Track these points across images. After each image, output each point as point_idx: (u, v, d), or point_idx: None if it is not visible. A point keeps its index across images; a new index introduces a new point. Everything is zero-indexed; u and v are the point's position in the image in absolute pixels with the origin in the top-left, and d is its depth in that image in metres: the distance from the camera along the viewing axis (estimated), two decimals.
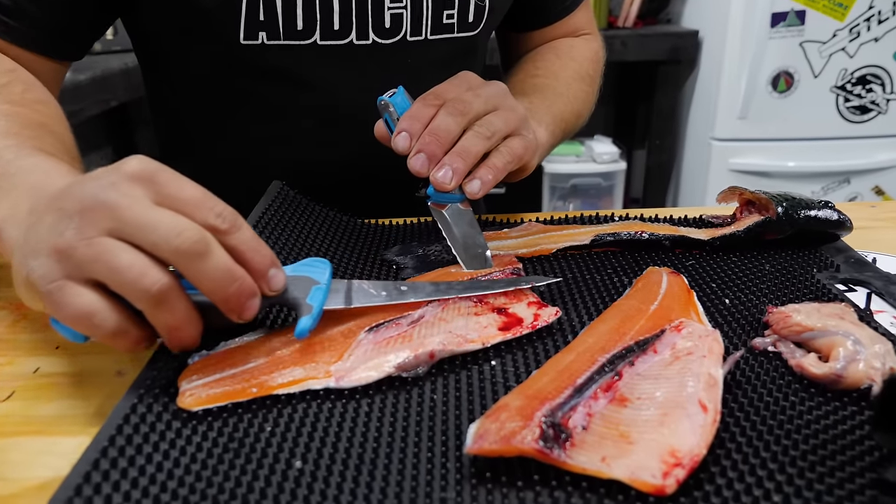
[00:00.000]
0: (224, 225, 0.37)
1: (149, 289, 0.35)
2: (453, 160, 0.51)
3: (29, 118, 0.53)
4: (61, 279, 0.35)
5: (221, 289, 0.37)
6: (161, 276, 0.35)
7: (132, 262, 0.35)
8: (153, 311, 0.36)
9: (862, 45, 1.90)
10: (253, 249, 0.39)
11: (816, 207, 0.57)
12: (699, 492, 0.32)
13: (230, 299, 0.37)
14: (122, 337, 0.37)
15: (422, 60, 0.70)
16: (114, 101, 1.57)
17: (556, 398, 0.35)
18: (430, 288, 0.46)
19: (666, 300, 0.46)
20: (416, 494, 0.32)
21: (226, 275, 0.37)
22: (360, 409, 0.38)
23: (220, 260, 0.36)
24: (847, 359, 0.39)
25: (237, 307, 0.38)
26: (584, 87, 0.78)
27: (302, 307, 0.41)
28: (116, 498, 0.32)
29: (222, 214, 0.38)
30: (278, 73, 0.67)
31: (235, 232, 0.38)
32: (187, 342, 0.39)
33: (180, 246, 0.35)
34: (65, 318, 0.36)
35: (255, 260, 0.39)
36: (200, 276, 0.36)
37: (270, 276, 0.40)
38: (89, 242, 0.35)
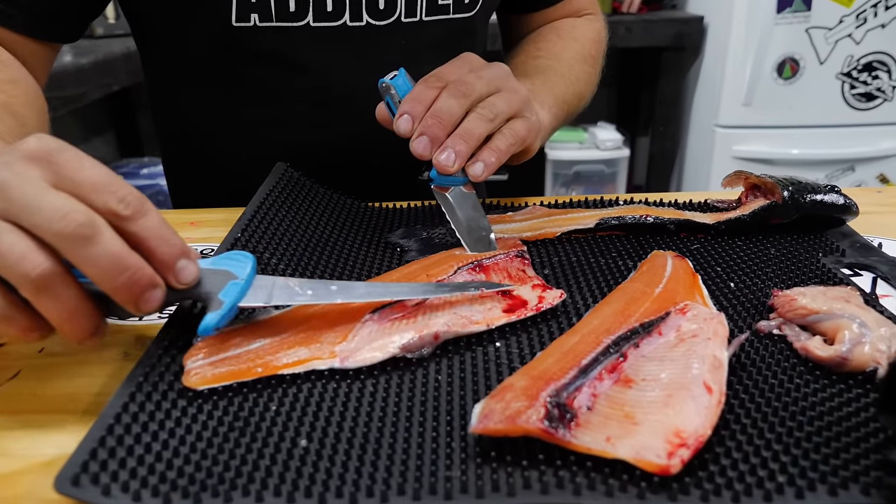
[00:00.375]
0: (126, 210, 0.35)
1: (28, 273, 0.33)
2: (456, 143, 0.51)
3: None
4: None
5: (110, 278, 0.34)
6: (42, 260, 0.33)
7: (12, 243, 0.33)
8: (36, 297, 0.34)
9: (868, 32, 1.89)
10: (158, 238, 0.36)
11: (822, 192, 0.56)
12: (704, 472, 0.32)
13: (120, 289, 0.35)
14: (5, 323, 0.35)
15: (417, 42, 0.69)
16: (116, 85, 1.57)
17: (561, 379, 0.35)
18: (363, 290, 0.43)
19: (671, 283, 0.46)
20: (422, 473, 0.32)
21: (114, 262, 0.34)
22: (364, 390, 0.38)
23: (108, 246, 0.34)
24: (852, 341, 0.39)
25: (130, 298, 0.35)
26: (587, 68, 0.77)
27: (212, 302, 0.38)
28: (123, 475, 0.32)
29: (125, 199, 0.35)
30: (271, 55, 0.66)
31: (139, 218, 0.35)
32: (80, 334, 0.36)
33: (63, 229, 0.33)
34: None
35: (160, 249, 0.36)
36: (86, 263, 0.34)
37: (179, 268, 0.37)
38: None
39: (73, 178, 0.35)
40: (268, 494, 0.31)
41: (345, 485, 0.31)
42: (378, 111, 0.55)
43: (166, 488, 0.31)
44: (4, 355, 0.44)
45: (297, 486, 0.31)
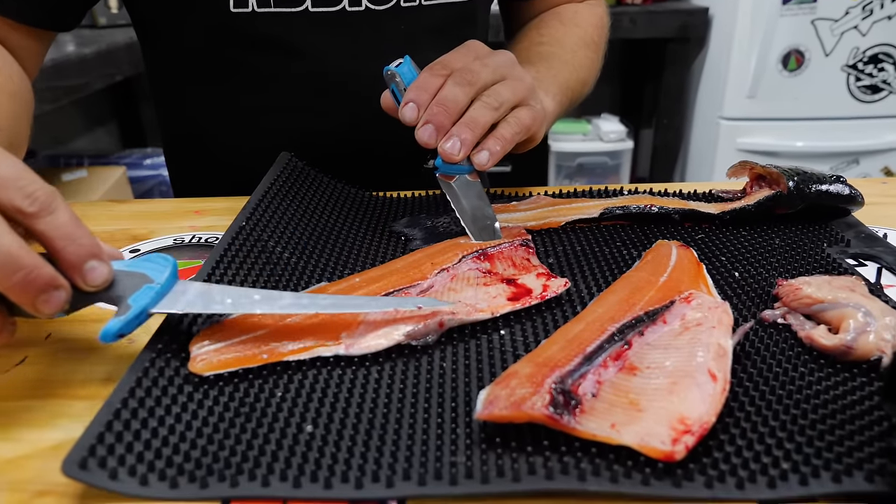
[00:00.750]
0: (31, 207, 0.34)
1: None
2: (461, 131, 0.51)
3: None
4: None
5: (3, 277, 0.33)
6: None
7: None
8: None
9: (875, 24, 1.88)
10: (66, 237, 0.34)
11: (827, 182, 0.56)
12: (708, 459, 0.32)
13: (14, 289, 0.33)
14: None
15: (416, 27, 0.69)
16: (119, 75, 1.57)
17: (565, 366, 0.35)
18: (288, 300, 0.39)
19: (675, 272, 0.46)
20: (427, 459, 0.32)
21: (6, 261, 0.33)
22: (369, 376, 0.38)
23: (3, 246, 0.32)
24: (857, 330, 0.39)
25: (27, 299, 0.34)
26: (590, 54, 0.76)
27: (120, 305, 0.36)
28: (130, 459, 0.32)
29: (33, 195, 0.34)
30: (270, 42, 0.66)
31: (46, 216, 0.34)
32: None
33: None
34: None
35: (67, 249, 0.35)
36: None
37: (87, 269, 0.35)
38: None
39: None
40: (274, 479, 0.31)
41: (350, 470, 0.32)
42: (383, 99, 0.55)
43: (173, 472, 0.32)
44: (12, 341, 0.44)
45: (303, 471, 0.31)
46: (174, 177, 0.83)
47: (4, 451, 0.35)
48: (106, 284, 0.36)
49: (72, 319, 0.46)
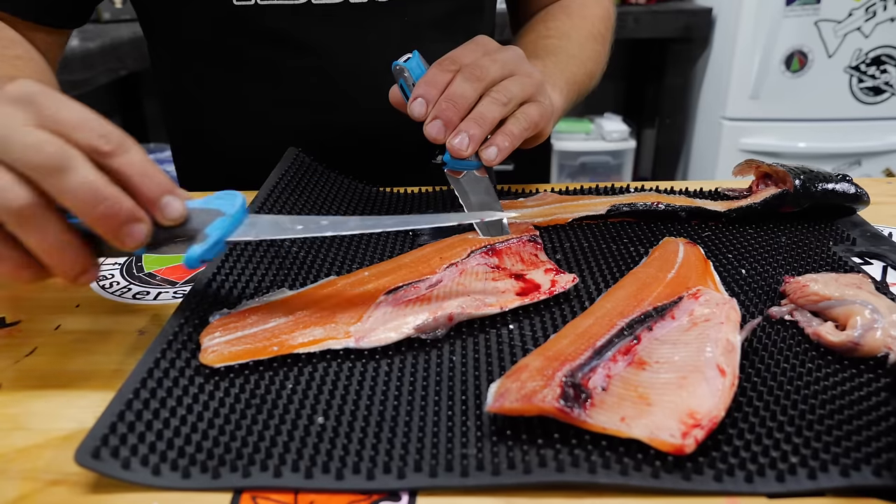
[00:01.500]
0: (107, 146, 0.35)
1: (10, 204, 0.33)
2: (470, 126, 0.51)
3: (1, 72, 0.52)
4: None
5: (88, 208, 0.34)
6: (23, 192, 0.34)
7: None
8: (20, 230, 0.35)
9: (878, 25, 1.88)
10: (142, 174, 0.36)
11: (833, 181, 0.57)
12: (717, 452, 0.32)
13: (100, 220, 0.35)
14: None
15: (420, 19, 0.69)
16: (123, 69, 1.57)
17: (575, 360, 0.35)
18: (355, 222, 0.42)
19: (683, 269, 0.46)
20: (438, 451, 0.32)
21: (90, 192, 0.34)
22: (379, 369, 0.38)
23: (83, 176, 0.34)
24: (865, 327, 0.39)
25: (111, 231, 0.35)
26: (596, 47, 0.76)
27: (196, 236, 0.37)
28: (142, 449, 0.32)
29: (107, 135, 0.35)
30: (273, 35, 0.66)
31: (121, 154, 0.35)
32: (69, 269, 0.36)
33: (36, 160, 0.33)
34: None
35: (144, 185, 0.36)
36: (62, 194, 0.34)
37: (164, 204, 0.36)
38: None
39: (54, 118, 0.35)
40: (286, 470, 0.31)
41: (362, 461, 0.32)
42: (391, 94, 0.55)
43: (185, 463, 0.32)
44: (21, 332, 0.45)
45: (314, 462, 0.32)
46: (180, 171, 0.83)
47: (16, 440, 0.35)
48: (182, 219, 0.37)
49: (80, 311, 0.47)
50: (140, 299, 0.48)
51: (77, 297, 0.48)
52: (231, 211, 0.39)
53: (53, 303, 0.48)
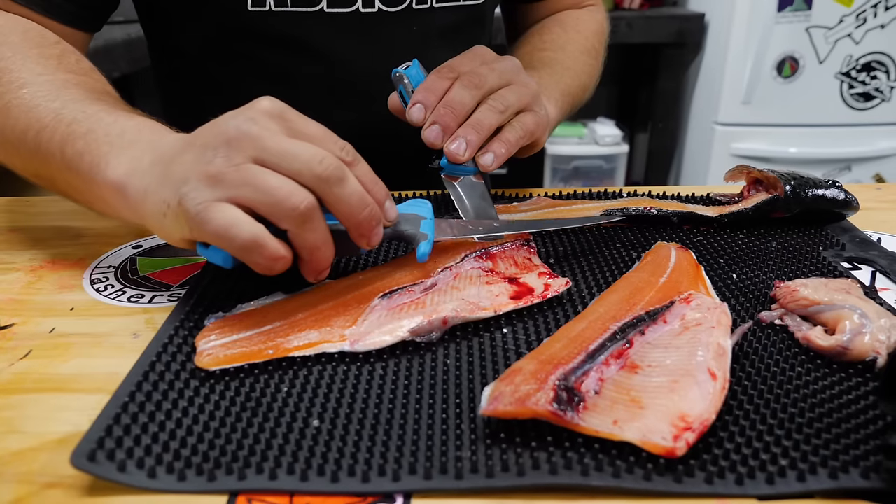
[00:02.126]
0: (348, 157, 0.41)
1: (297, 206, 0.37)
2: (467, 132, 0.52)
3: (95, 86, 0.53)
4: (210, 201, 0.38)
5: (357, 213, 0.40)
6: (307, 195, 0.38)
7: (281, 183, 0.38)
8: (299, 229, 0.38)
9: (868, 32, 1.90)
10: (372, 181, 0.42)
11: (824, 186, 0.57)
12: (708, 455, 0.32)
13: (363, 223, 0.40)
14: (257, 251, 0.38)
15: (428, 29, 0.70)
16: (116, 72, 1.56)
17: (569, 363, 0.36)
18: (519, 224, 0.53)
19: (675, 273, 0.47)
20: (432, 453, 0.32)
21: (360, 200, 0.40)
22: (374, 372, 0.38)
23: (355, 186, 0.40)
24: (853, 332, 0.39)
25: (368, 231, 0.41)
26: (590, 61, 0.77)
27: (417, 236, 0.45)
28: (138, 452, 0.32)
29: (345, 148, 0.41)
30: (284, 41, 0.67)
31: (357, 164, 0.41)
32: (323, 264, 0.41)
33: (323, 172, 0.38)
34: (207, 234, 0.38)
35: (374, 190, 0.42)
36: (339, 201, 0.39)
37: (387, 208, 0.43)
38: (238, 167, 0.38)
39: (304, 132, 0.40)
40: (281, 472, 0.32)
41: (357, 464, 0.32)
42: (391, 101, 0.56)
43: (181, 465, 0.32)
44: (15, 335, 0.45)
45: (309, 465, 0.32)
46: None
47: (11, 443, 0.35)
48: (396, 220, 0.45)
49: (75, 314, 0.47)
50: (135, 302, 0.48)
51: (71, 300, 0.49)
52: (429, 215, 0.46)
53: (49, 305, 0.48)
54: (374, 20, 0.67)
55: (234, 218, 0.37)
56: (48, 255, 0.56)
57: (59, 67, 0.53)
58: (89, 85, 0.53)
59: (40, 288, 0.50)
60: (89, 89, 0.52)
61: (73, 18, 0.61)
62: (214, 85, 0.72)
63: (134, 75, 1.90)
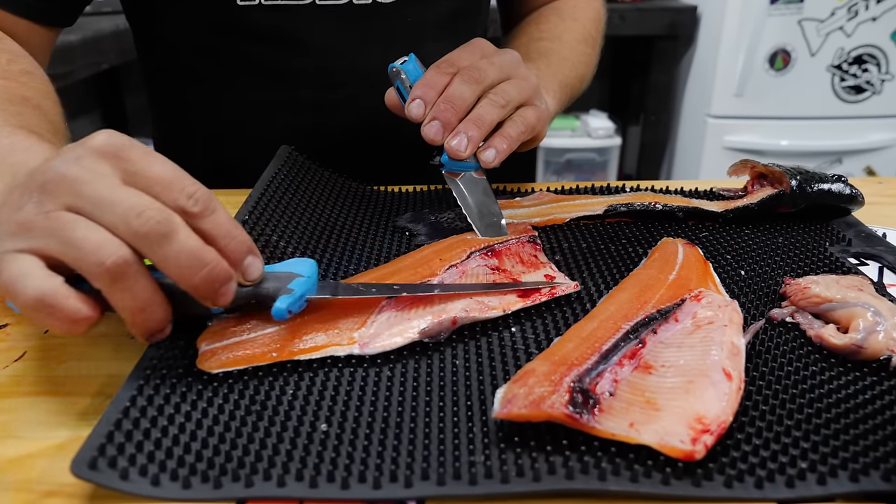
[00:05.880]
0: (195, 208, 0.35)
1: (104, 261, 0.32)
2: (468, 128, 0.51)
3: (12, 92, 0.50)
4: (9, 251, 0.33)
5: (189, 275, 0.34)
6: (119, 248, 0.33)
7: (87, 234, 0.32)
8: (110, 288, 0.33)
9: (860, 25, 1.90)
10: (227, 235, 0.36)
11: (829, 181, 0.57)
12: (726, 458, 0.32)
13: (201, 286, 0.34)
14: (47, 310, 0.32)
15: (422, 20, 0.68)
16: (104, 63, 1.54)
17: (582, 364, 0.35)
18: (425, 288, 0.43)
19: (683, 270, 0.46)
20: (445, 458, 0.32)
21: (192, 259, 0.34)
22: (382, 374, 0.38)
23: (185, 243, 0.34)
24: (867, 330, 0.39)
25: (209, 293, 0.35)
26: (588, 50, 0.76)
27: (281, 291, 0.38)
28: (141, 458, 0.31)
29: (194, 196, 0.35)
30: (276, 35, 0.65)
31: (209, 215, 0.35)
32: (152, 327, 0.35)
33: (140, 227, 0.33)
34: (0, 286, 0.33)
35: (229, 247, 0.36)
36: (165, 261, 0.33)
37: (246, 265, 0.37)
38: (47, 216, 0.33)
39: (144, 175, 0.34)
40: (290, 479, 0.31)
41: (368, 470, 0.31)
42: (388, 96, 0.55)
43: (186, 472, 0.31)
44: (9, 336, 0.43)
45: (319, 471, 0.31)
46: None
47: (8, 449, 0.34)
48: (260, 279, 0.38)
49: None
50: None
51: None
52: (307, 272, 0.39)
53: None
54: (367, 12, 0.66)
55: (26, 270, 0.32)
56: None
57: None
58: (5, 91, 0.49)
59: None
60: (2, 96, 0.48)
61: (29, 12, 0.59)
62: (203, 81, 0.71)
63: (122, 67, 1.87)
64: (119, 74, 2.13)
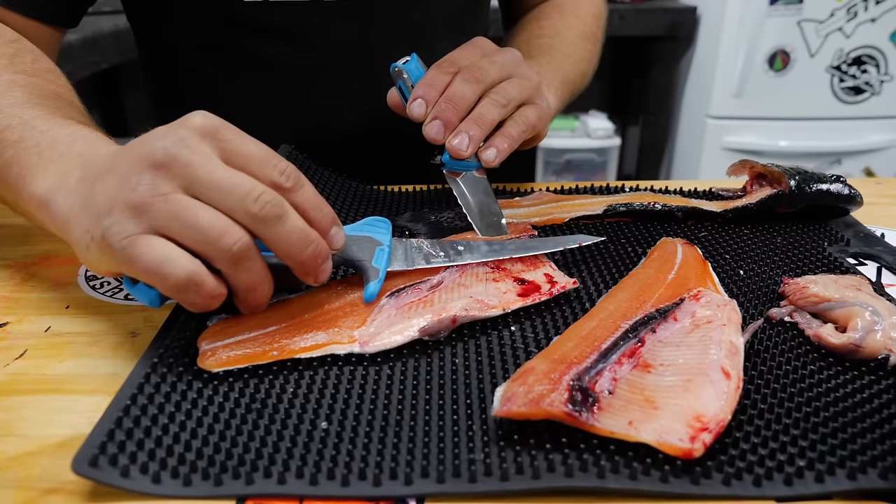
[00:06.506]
0: (288, 183, 0.37)
1: (230, 247, 0.35)
2: (469, 127, 0.51)
3: (45, 88, 0.51)
4: (136, 234, 0.34)
5: (297, 252, 0.37)
6: (242, 234, 0.35)
7: (213, 220, 0.34)
8: (233, 270, 0.36)
9: (859, 26, 1.90)
10: (316, 208, 0.38)
11: (828, 181, 0.57)
12: (724, 456, 0.32)
13: (306, 262, 0.37)
14: (194, 290, 0.35)
15: (428, 16, 0.68)
16: (104, 63, 1.54)
17: (582, 363, 0.35)
18: (485, 248, 0.46)
19: (682, 270, 0.46)
20: (445, 456, 0.32)
21: (301, 238, 0.36)
22: (381, 373, 0.38)
23: (295, 223, 0.36)
24: (865, 329, 0.39)
25: (313, 270, 0.38)
26: (589, 47, 0.76)
27: (369, 271, 0.41)
28: (141, 456, 0.31)
29: (286, 172, 0.37)
30: (280, 32, 0.65)
31: (299, 189, 0.38)
32: (260, 302, 0.38)
33: (259, 212, 0.35)
34: (137, 270, 0.35)
35: (317, 219, 0.38)
36: (278, 240, 0.36)
37: (332, 235, 0.39)
38: (165, 198, 0.34)
39: (240, 154, 0.36)
40: (290, 476, 0.31)
41: (368, 467, 0.31)
42: (390, 96, 0.55)
43: (186, 470, 0.31)
44: (9, 334, 0.43)
45: (319, 469, 0.31)
46: None
47: (9, 447, 0.34)
48: (343, 249, 0.40)
49: (71, 312, 0.46)
50: (132, 300, 0.47)
51: (66, 298, 0.47)
52: (385, 241, 0.43)
53: (44, 303, 0.47)
54: (372, 9, 0.66)
55: (167, 253, 0.34)
56: (41, 252, 0.54)
57: (8, 67, 0.51)
58: (38, 87, 0.50)
59: (34, 285, 0.49)
60: (36, 92, 0.49)
61: (40, 13, 0.59)
62: (205, 78, 0.71)
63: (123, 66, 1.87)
64: (118, 74, 2.13)
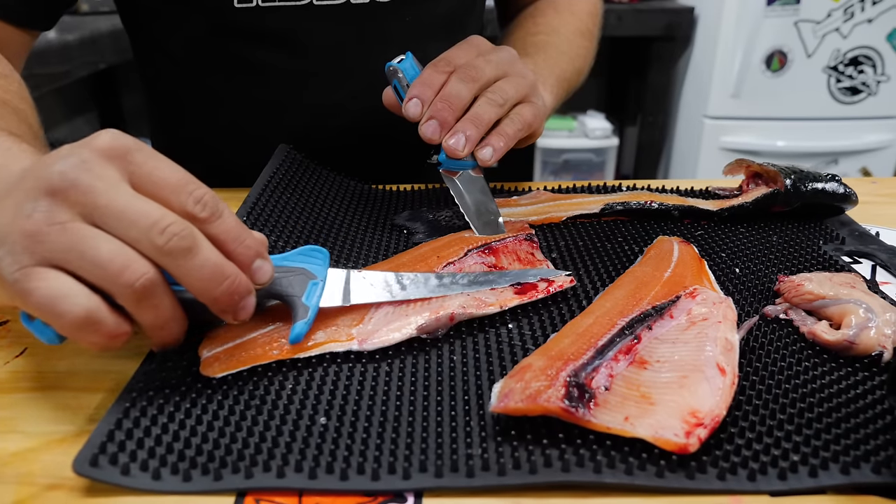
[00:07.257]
0: (204, 213, 0.34)
1: (132, 283, 0.32)
2: (466, 127, 0.51)
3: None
4: (30, 266, 0.32)
5: (211, 288, 0.33)
6: (146, 268, 0.32)
7: (114, 253, 0.31)
8: (136, 307, 0.33)
9: (856, 26, 1.91)
10: (236, 240, 0.35)
11: (823, 180, 0.57)
12: (719, 451, 0.32)
13: (219, 299, 0.34)
14: (92, 329, 0.32)
15: (421, 19, 0.69)
16: (102, 63, 1.54)
17: (578, 359, 0.35)
18: (434, 282, 0.43)
19: (679, 268, 0.47)
20: (443, 451, 0.32)
21: (214, 273, 0.33)
22: (380, 370, 0.38)
23: (208, 256, 0.33)
24: (859, 326, 0.39)
25: (230, 307, 0.35)
26: (584, 44, 0.76)
27: (298, 308, 0.38)
28: (141, 454, 0.32)
29: (202, 200, 0.34)
30: (274, 36, 0.66)
31: (216, 220, 0.34)
32: (170, 340, 0.36)
33: (164, 244, 0.32)
34: (30, 306, 0.32)
35: (237, 251, 0.35)
36: (187, 275, 0.33)
37: (255, 269, 0.36)
38: (63, 228, 0.31)
39: (152, 179, 0.33)
40: (289, 471, 0.31)
41: (366, 462, 0.31)
42: (385, 96, 0.55)
43: (186, 466, 0.31)
44: (9, 333, 0.44)
45: (318, 463, 0.31)
46: None
47: (10, 443, 0.34)
48: (269, 282, 0.37)
49: None
50: None
51: None
52: (321, 274, 0.39)
53: None
54: (365, 12, 0.66)
55: (62, 289, 0.31)
56: None
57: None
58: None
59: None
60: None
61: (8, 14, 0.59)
62: (200, 81, 0.71)
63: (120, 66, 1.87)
64: (116, 74, 2.13)
